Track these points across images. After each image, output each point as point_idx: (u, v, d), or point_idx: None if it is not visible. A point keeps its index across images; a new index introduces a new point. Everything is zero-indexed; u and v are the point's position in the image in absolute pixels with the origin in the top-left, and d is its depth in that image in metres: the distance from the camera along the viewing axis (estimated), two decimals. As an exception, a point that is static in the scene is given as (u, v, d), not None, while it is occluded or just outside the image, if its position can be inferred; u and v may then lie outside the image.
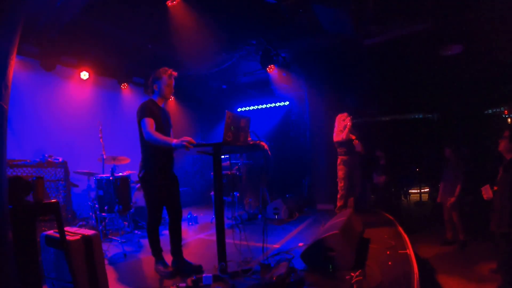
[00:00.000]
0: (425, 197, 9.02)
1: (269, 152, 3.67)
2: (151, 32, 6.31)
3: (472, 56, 6.17)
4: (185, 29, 5.85)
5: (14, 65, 5.68)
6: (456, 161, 5.66)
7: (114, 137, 6.93)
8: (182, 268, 3.76)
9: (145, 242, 4.84)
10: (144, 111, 3.53)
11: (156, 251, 3.76)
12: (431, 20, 5.18)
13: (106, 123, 6.36)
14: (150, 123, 3.46)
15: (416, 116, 9.18)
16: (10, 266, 2.05)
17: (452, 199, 5.40)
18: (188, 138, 3.21)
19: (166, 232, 5.81)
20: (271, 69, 7.37)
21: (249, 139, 3.65)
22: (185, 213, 6.83)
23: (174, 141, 3.26)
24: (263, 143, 3.64)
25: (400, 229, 5.05)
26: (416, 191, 9.31)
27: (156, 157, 3.62)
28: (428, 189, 9.02)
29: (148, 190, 3.71)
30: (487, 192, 3.70)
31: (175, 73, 3.78)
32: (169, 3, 5.10)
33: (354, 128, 6.26)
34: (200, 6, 5.41)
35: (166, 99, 3.84)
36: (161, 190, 3.69)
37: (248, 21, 5.98)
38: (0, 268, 1.95)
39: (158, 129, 3.52)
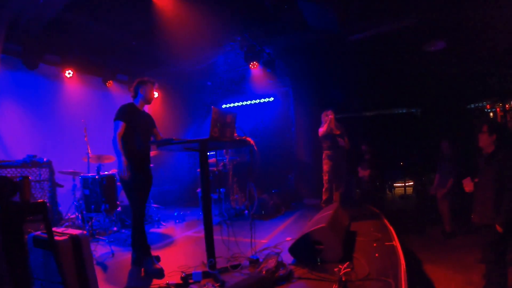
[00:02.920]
0: (409, 190, 9.22)
1: (255, 148, 3.70)
2: (135, 29, 6.24)
3: (455, 51, 6.31)
4: (169, 26, 5.81)
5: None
6: (450, 154, 5.81)
7: (100, 135, 6.81)
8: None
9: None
10: (120, 113, 3.77)
11: (144, 248, 3.76)
12: (414, 17, 5.27)
13: (91, 122, 6.29)
14: (120, 128, 3.69)
15: (400, 111, 9.34)
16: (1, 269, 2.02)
17: (443, 191, 5.56)
18: (125, 169, 3.60)
19: (155, 230, 5.86)
20: (255, 66, 7.38)
21: (235, 135, 3.68)
22: (172, 211, 6.88)
23: (121, 160, 3.61)
24: (249, 139, 3.66)
25: (386, 221, 5.15)
26: (400, 184, 9.49)
27: (131, 155, 3.73)
28: (412, 183, 9.21)
29: (127, 186, 3.78)
30: (468, 185, 3.81)
31: (156, 84, 4.20)
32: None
33: (340, 123, 6.36)
34: (185, 2, 5.37)
35: (147, 103, 4.05)
36: (137, 185, 3.80)
37: (232, 17, 5.97)
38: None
39: (134, 132, 3.74)
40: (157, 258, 3.89)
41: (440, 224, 5.81)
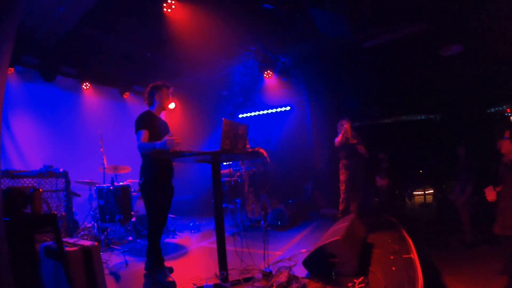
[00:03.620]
0: (429, 198, 8.94)
1: (267, 159, 3.65)
2: (149, 41, 6.33)
3: (473, 55, 6.11)
4: (183, 37, 5.88)
5: (14, 76, 5.74)
6: (468, 161, 5.60)
7: (116, 146, 6.94)
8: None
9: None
10: (140, 122, 3.67)
11: (158, 260, 3.73)
12: (429, 21, 5.15)
13: (108, 132, 6.36)
14: (143, 135, 3.59)
15: (419, 118, 9.11)
16: (5, 277, 2.03)
17: (462, 199, 5.35)
18: (171, 139, 3.28)
19: (169, 240, 5.85)
20: (270, 75, 7.35)
21: (248, 146, 3.65)
22: (187, 221, 6.87)
23: (157, 142, 3.35)
24: (262, 150, 3.61)
25: (404, 232, 4.97)
26: (420, 192, 9.22)
27: (155, 166, 3.68)
28: (432, 191, 8.93)
29: (148, 196, 3.74)
30: (490, 194, 3.64)
31: (171, 88, 4.01)
32: (165, 10, 5.09)
33: (356, 132, 6.25)
34: (198, 13, 5.42)
35: (163, 109, 3.98)
36: (160, 197, 3.75)
37: (246, 27, 5.98)
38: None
39: (155, 139, 3.57)
40: (170, 270, 3.87)
41: (461, 234, 5.57)
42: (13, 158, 5.75)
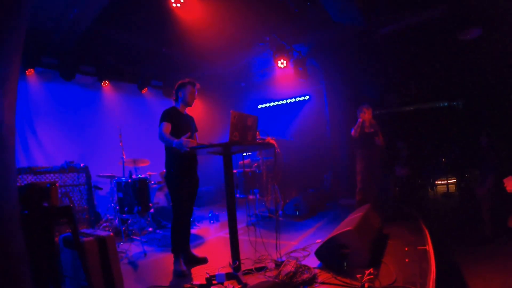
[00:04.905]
0: (452, 188, 8.66)
1: (277, 149, 3.66)
2: (164, 36, 6.41)
3: (493, 38, 5.83)
4: (197, 30, 5.93)
5: (35, 77, 6.00)
6: (490, 150, 5.39)
7: (136, 139, 7.13)
8: (190, 260, 4.04)
9: (167, 241, 4.97)
10: (164, 116, 3.83)
11: (179, 248, 3.86)
12: (446, 4, 4.95)
13: (127, 127, 6.54)
14: (165, 126, 3.75)
15: (441, 105, 8.82)
16: (23, 267, 2.15)
17: (483, 191, 5.15)
18: (189, 140, 3.39)
19: (193, 231, 5.99)
20: (285, 65, 7.27)
21: (259, 137, 3.67)
22: (206, 212, 7.00)
23: (175, 140, 3.47)
24: (272, 141, 3.63)
25: (422, 223, 4.88)
26: (443, 182, 8.95)
27: (179, 158, 3.78)
28: (455, 180, 8.65)
29: (172, 189, 3.89)
30: (509, 184, 3.51)
31: (198, 85, 4.12)
32: (173, 6, 5.13)
33: (375, 120, 6.10)
34: (211, 6, 5.44)
35: (188, 105, 4.09)
36: (184, 189, 3.89)
37: (259, 18, 5.96)
38: (13, 269, 2.06)
39: (177, 133, 3.71)
40: (204, 260, 4.11)
41: (482, 226, 5.38)
42: (37, 156, 6.05)
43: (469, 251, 4.61)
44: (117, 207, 5.21)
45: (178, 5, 5.11)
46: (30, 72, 6.00)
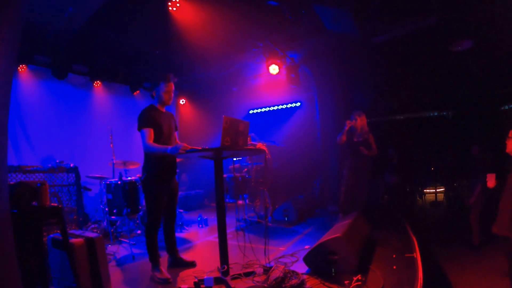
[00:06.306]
0: (440, 196, 8.80)
1: (268, 155, 3.69)
2: (158, 38, 6.43)
3: (484, 50, 5.98)
4: (191, 33, 5.95)
5: (27, 75, 5.94)
6: (480, 159, 5.49)
7: (127, 141, 7.09)
8: (177, 264, 4.01)
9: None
10: (143, 120, 3.66)
11: (154, 257, 3.75)
12: (437, 15, 5.06)
13: (118, 128, 6.51)
14: (148, 133, 3.60)
15: (431, 114, 8.97)
16: (12, 267, 2.12)
17: (472, 198, 5.25)
18: (183, 144, 3.33)
19: (177, 234, 5.93)
20: (277, 71, 7.30)
21: (250, 142, 3.69)
22: (195, 216, 6.97)
23: (169, 147, 3.42)
24: (262, 147, 3.65)
25: (410, 231, 4.95)
26: (431, 190, 9.09)
27: (156, 162, 3.71)
28: (443, 189, 8.78)
29: (148, 193, 3.77)
30: (490, 180, 3.60)
31: (172, 83, 3.85)
32: (170, 9, 5.15)
33: (369, 127, 6.09)
34: (205, 10, 5.47)
35: (165, 104, 3.91)
36: (161, 194, 3.77)
37: (253, 24, 6.01)
38: (2, 268, 2.03)
39: (159, 135, 3.66)
40: (192, 264, 4.07)
41: (469, 234, 5.47)
42: (26, 154, 5.96)
43: (456, 258, 4.70)
44: (106, 209, 5.16)
45: (174, 9, 5.14)
46: (22, 69, 5.95)
